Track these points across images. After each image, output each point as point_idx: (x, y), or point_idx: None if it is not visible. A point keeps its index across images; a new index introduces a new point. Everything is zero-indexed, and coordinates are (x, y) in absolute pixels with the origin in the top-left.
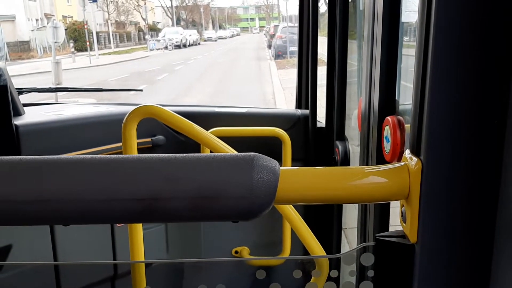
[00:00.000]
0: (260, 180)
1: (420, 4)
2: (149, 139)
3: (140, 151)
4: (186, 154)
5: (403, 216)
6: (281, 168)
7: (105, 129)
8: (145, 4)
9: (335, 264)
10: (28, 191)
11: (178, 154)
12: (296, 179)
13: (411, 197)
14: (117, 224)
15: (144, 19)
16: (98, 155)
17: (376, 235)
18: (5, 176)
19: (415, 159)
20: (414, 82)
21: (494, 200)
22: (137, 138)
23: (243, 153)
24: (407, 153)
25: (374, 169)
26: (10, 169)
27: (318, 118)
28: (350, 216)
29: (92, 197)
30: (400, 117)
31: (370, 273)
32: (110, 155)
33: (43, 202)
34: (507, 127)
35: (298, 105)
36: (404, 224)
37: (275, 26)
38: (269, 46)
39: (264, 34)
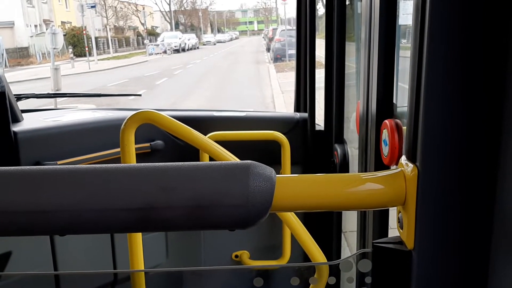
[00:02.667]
0: (256, 188)
1: (414, 8)
2: (147, 144)
3: (138, 156)
4: (182, 162)
5: (400, 222)
6: (277, 175)
7: (104, 134)
8: (143, 9)
9: (333, 270)
10: (24, 201)
11: (173, 163)
12: (293, 187)
13: (408, 203)
14: None
15: (142, 24)
16: (94, 165)
17: (373, 241)
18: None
19: (411, 165)
20: (409, 89)
21: (490, 206)
22: (136, 143)
23: (239, 161)
24: (403, 159)
25: (370, 176)
26: (5, 180)
27: (316, 121)
28: (350, 220)
29: (88, 207)
30: (398, 121)
31: (368, 280)
32: (105, 165)
33: (39, 213)
34: (503, 132)
35: (297, 108)
36: (401, 231)
37: (273, 29)
38: (268, 49)
39: (263, 37)
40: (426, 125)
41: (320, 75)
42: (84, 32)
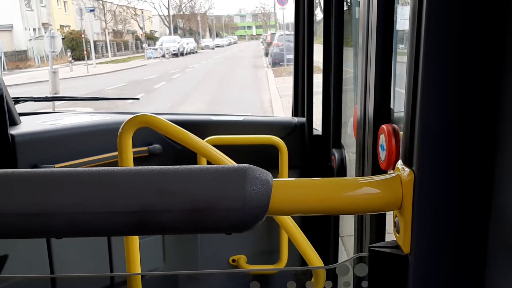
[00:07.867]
0: (252, 192)
1: (410, 13)
2: (145, 148)
3: (136, 160)
4: (179, 166)
5: (396, 226)
6: (274, 179)
7: (101, 138)
8: (142, 13)
9: (330, 274)
10: (21, 204)
11: (170, 166)
12: (289, 191)
13: (404, 207)
14: None
15: (141, 28)
16: (91, 168)
17: (370, 245)
18: None
19: (407, 169)
20: (406, 93)
21: (486, 210)
22: (134, 147)
23: (236, 165)
24: (399, 163)
25: (367, 180)
26: (2, 182)
27: (314, 126)
28: (348, 224)
29: (86, 210)
30: (395, 126)
31: (365, 284)
32: (103, 168)
33: (36, 216)
34: (499, 136)
35: (295, 113)
36: (397, 235)
37: (272, 34)
38: (266, 54)
39: (261, 42)
40: (422, 129)
41: (318, 80)
42: (82, 35)
